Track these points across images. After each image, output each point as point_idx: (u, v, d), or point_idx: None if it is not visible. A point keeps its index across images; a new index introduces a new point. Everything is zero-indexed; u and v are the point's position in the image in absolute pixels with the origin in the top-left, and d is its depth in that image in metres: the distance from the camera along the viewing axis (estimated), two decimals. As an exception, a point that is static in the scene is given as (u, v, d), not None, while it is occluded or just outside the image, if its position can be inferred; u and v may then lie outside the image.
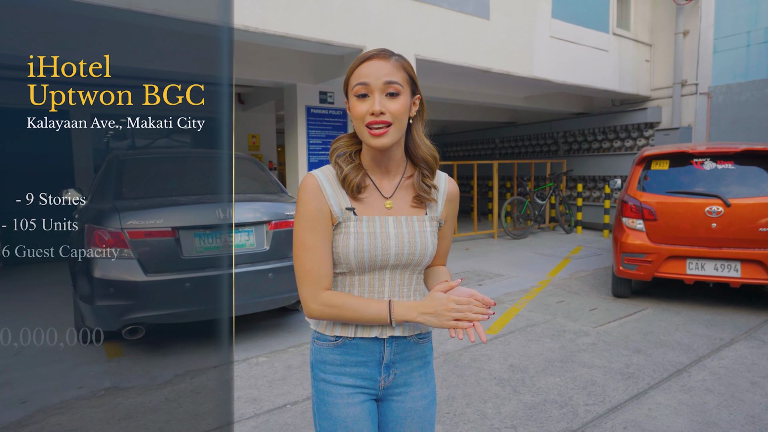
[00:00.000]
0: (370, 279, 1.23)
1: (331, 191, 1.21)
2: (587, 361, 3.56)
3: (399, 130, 1.18)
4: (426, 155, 1.26)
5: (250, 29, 4.49)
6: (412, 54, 5.75)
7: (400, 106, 1.16)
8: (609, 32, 8.41)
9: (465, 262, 7.11)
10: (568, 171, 10.30)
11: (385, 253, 1.20)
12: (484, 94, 8.84)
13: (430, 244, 1.25)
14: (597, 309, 4.83)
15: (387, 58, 1.17)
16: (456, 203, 1.34)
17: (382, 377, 1.27)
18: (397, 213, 1.24)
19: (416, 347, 1.30)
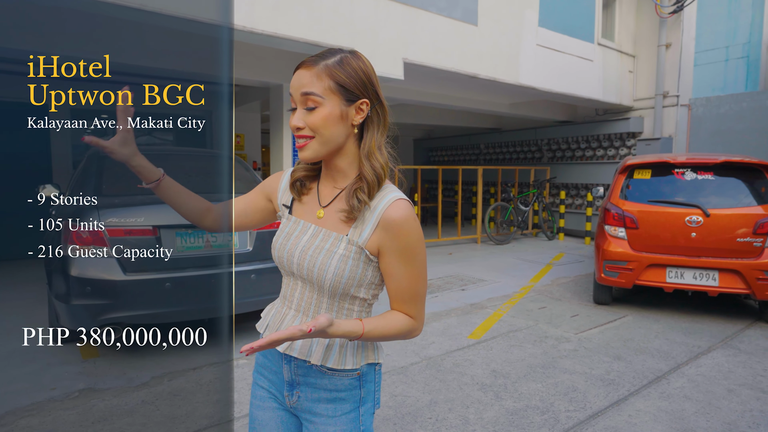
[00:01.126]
0: (287, 283, 1.21)
1: (285, 185, 1.25)
2: (569, 368, 3.58)
3: (324, 144, 1.08)
4: (366, 171, 1.09)
5: (237, 27, 4.44)
6: (401, 57, 5.75)
7: (318, 119, 1.06)
8: (594, 42, 8.54)
9: (448, 267, 7.12)
10: (552, 178, 10.40)
11: (290, 259, 1.15)
12: (470, 100, 8.89)
13: (332, 267, 1.08)
14: (578, 315, 4.87)
15: (312, 66, 1.06)
16: (398, 235, 1.08)
17: (286, 394, 1.20)
18: (325, 225, 1.14)
19: (324, 377, 1.15)
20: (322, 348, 1.13)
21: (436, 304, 5.17)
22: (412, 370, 3.50)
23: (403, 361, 3.66)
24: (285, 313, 1.19)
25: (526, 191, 10.42)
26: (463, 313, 4.88)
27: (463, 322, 4.60)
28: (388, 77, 5.70)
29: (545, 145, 11.17)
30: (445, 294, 5.61)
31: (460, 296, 5.52)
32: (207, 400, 2.99)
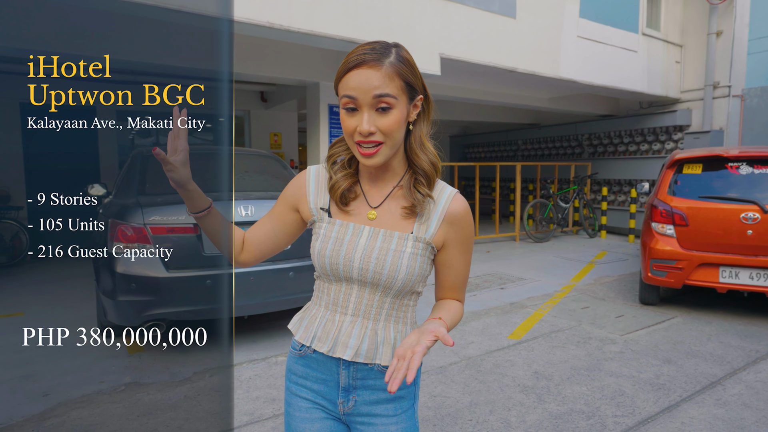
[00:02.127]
0: (337, 290, 1.13)
1: (314, 188, 1.16)
2: (615, 370, 3.44)
3: (392, 147, 1.06)
4: (424, 163, 1.10)
5: (275, 26, 4.47)
6: (437, 53, 5.67)
7: (393, 122, 1.02)
8: (638, 32, 8.21)
9: (486, 265, 7.00)
10: (593, 174, 10.09)
11: (348, 264, 1.08)
12: (507, 95, 8.71)
13: (404, 267, 1.07)
14: (624, 316, 4.69)
15: (378, 65, 1.00)
16: (463, 228, 1.12)
17: (340, 401, 1.15)
18: (380, 225, 1.10)
19: (383, 377, 1.10)
20: (389, 348, 1.12)
21: (474, 303, 5.08)
22: (452, 370, 3.44)
23: (442, 360, 3.61)
24: (340, 321, 1.12)
25: (566, 188, 10.14)
26: (502, 313, 4.78)
27: (503, 322, 4.50)
28: (424, 73, 5.61)
29: (586, 140, 10.84)
30: (484, 293, 5.51)
31: (499, 295, 5.41)
32: (247, 396, 3.02)
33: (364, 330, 1.11)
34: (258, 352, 3.72)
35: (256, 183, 4.24)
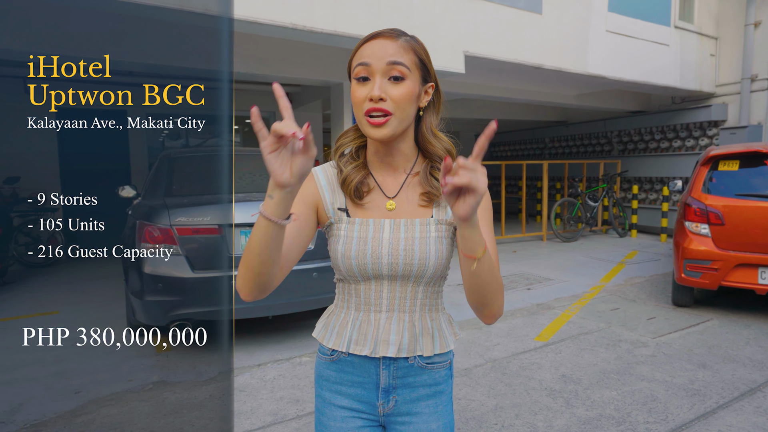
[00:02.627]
0: (366, 289, 1.08)
1: (327, 188, 1.09)
2: (646, 375, 3.33)
3: (401, 121, 1.01)
4: (438, 150, 1.08)
5: (298, 27, 4.48)
6: (461, 50, 5.61)
7: (404, 92, 0.99)
8: (670, 25, 7.96)
9: (512, 265, 6.89)
10: (623, 172, 9.84)
11: (376, 261, 1.04)
12: (534, 92, 8.56)
13: (433, 252, 1.05)
14: (656, 318, 4.55)
15: (394, 37, 1.01)
16: (482, 205, 1.04)
17: (380, 402, 1.11)
18: (399, 215, 1.07)
19: (423, 373, 1.11)
20: (428, 338, 1.10)
21: (500, 304, 5.00)
22: (477, 372, 3.39)
23: (467, 362, 3.56)
24: (376, 319, 1.08)
25: (594, 186, 9.92)
26: (529, 314, 4.69)
27: (530, 323, 4.41)
28: (448, 71, 5.58)
29: (615, 137, 10.58)
30: (510, 293, 5.42)
31: (525, 296, 5.32)
32: (271, 396, 3.03)
33: (401, 324, 1.08)
34: (282, 352, 3.74)
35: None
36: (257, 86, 8.58)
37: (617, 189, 9.94)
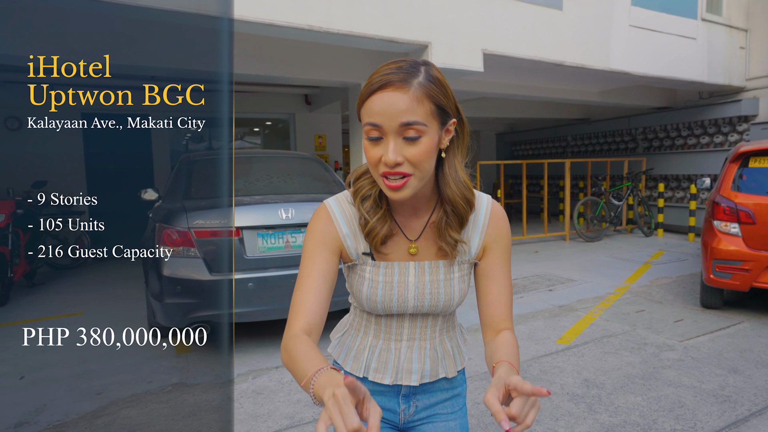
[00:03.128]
0: (387, 321, 1.09)
1: (348, 231, 1.04)
2: (673, 380, 3.22)
3: (422, 179, 0.95)
4: (456, 196, 1.00)
5: (314, 28, 4.48)
6: (479, 49, 5.53)
7: (422, 152, 0.91)
8: (697, 18, 7.72)
9: (534, 266, 6.77)
10: (648, 170, 9.59)
11: (402, 304, 1.05)
12: (555, 90, 8.41)
13: (457, 292, 1.07)
14: (683, 321, 4.41)
15: (405, 87, 0.89)
16: (500, 234, 1.07)
17: (401, 408, 1.13)
18: (422, 258, 1.06)
19: (441, 379, 1.15)
20: (451, 360, 1.14)
21: (521, 306, 4.91)
22: (496, 376, 3.32)
23: (485, 366, 3.49)
24: (396, 348, 1.09)
25: (619, 184, 9.70)
26: (550, 316, 4.60)
27: (551, 326, 4.32)
28: (466, 70, 5.51)
29: (640, 134, 10.33)
30: (531, 295, 5.32)
31: (547, 297, 5.22)
32: (288, 399, 3.02)
33: (422, 352, 1.10)
34: (300, 354, 3.72)
35: (298, 185, 4.26)
36: (278, 88, 8.64)
37: (642, 187, 9.70)
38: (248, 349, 3.86)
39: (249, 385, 3.23)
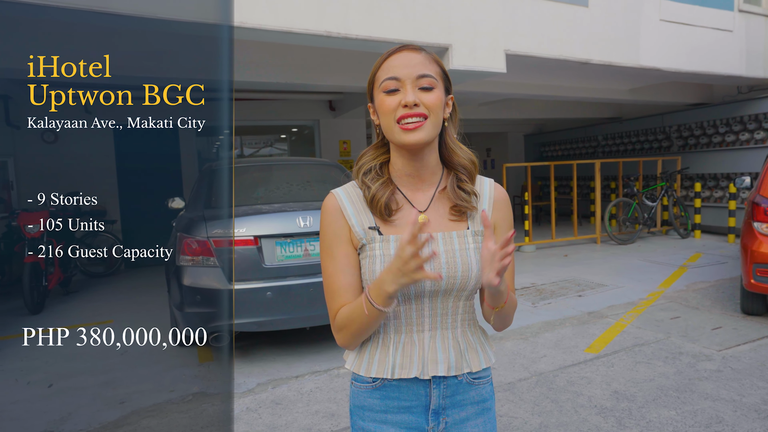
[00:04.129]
0: (407, 310, 1.06)
1: (352, 210, 1.07)
2: (711, 392, 3.04)
3: (435, 126, 1.03)
4: (463, 160, 1.10)
5: (333, 35, 4.47)
6: (502, 49, 5.42)
7: (436, 99, 1.02)
8: (734, 9, 7.39)
9: (563, 270, 6.58)
10: (684, 169, 9.23)
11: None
12: (582, 89, 8.19)
13: (474, 263, 1.05)
14: (722, 328, 4.18)
15: (417, 50, 1.04)
16: (507, 211, 1.15)
17: (430, 426, 1.08)
18: (433, 229, 1.06)
19: (471, 389, 1.10)
20: (475, 353, 1.10)
21: (548, 312, 4.76)
22: (521, 386, 3.22)
23: (510, 376, 3.38)
24: (420, 339, 1.07)
25: (652, 184, 9.36)
26: (579, 323, 4.44)
27: (580, 333, 4.17)
28: (489, 71, 5.41)
29: (674, 132, 9.95)
30: (559, 300, 5.16)
31: (576, 303, 5.05)
32: (306, 410, 2.99)
33: (446, 342, 1.08)
34: (321, 363, 3.70)
35: (318, 193, 4.24)
36: (302, 95, 8.70)
37: (678, 187, 9.34)
38: (269, 357, 3.85)
39: (268, 395, 3.21)
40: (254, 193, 4.02)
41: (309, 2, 4.36)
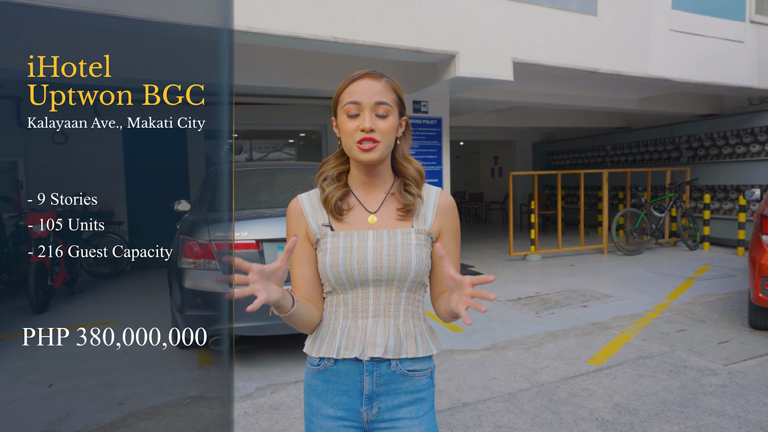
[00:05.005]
0: (354, 297, 1.20)
1: (310, 210, 1.24)
2: (716, 408, 2.98)
3: (387, 147, 1.19)
4: (412, 171, 1.26)
5: (339, 40, 4.48)
6: (509, 57, 5.41)
7: (389, 125, 1.18)
8: (745, 20, 7.34)
9: (568, 280, 6.53)
10: (693, 180, 9.14)
11: (362, 267, 1.17)
12: (591, 98, 8.15)
13: (414, 257, 1.19)
14: (728, 342, 4.11)
15: (378, 78, 1.19)
16: (453, 217, 1.28)
17: (363, 409, 1.20)
18: (381, 227, 1.21)
19: (405, 380, 1.21)
20: (413, 341, 1.21)
21: (552, 322, 4.72)
22: (521, 397, 3.17)
23: (510, 386, 3.34)
24: (363, 324, 1.20)
25: (661, 195, 9.28)
26: (583, 334, 4.38)
27: (583, 344, 4.12)
28: (495, 79, 5.40)
29: (684, 143, 9.87)
30: (564, 311, 5.11)
31: (580, 314, 4.99)
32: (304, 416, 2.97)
33: (387, 328, 1.19)
34: (320, 368, 3.67)
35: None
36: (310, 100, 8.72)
37: (686, 198, 9.25)
38: (268, 362, 3.83)
39: (266, 400, 3.19)
40: (257, 197, 4.03)
41: (316, 8, 4.37)
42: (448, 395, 3.22)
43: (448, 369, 3.65)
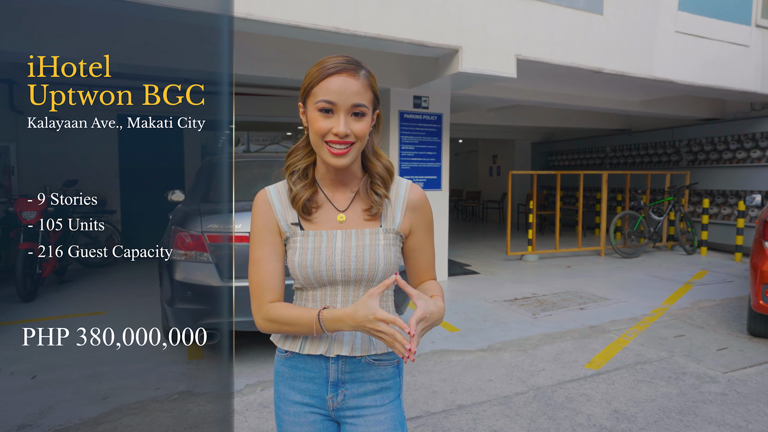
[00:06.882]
0: (322, 295, 1.18)
1: (279, 206, 1.19)
2: (715, 417, 2.92)
3: (359, 150, 1.15)
4: (380, 168, 1.22)
5: (341, 31, 4.37)
6: (513, 54, 5.31)
7: (365, 127, 1.12)
8: (751, 24, 7.26)
9: (565, 281, 6.46)
10: (692, 184, 9.09)
11: (330, 268, 1.15)
12: (593, 98, 8.07)
13: (382, 257, 1.17)
14: (728, 349, 4.06)
15: (356, 74, 1.10)
16: (424, 212, 1.25)
17: (329, 396, 1.20)
18: (349, 226, 1.18)
19: (371, 369, 1.20)
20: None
21: (548, 324, 4.65)
22: (517, 401, 3.10)
23: (506, 389, 3.27)
24: None
25: (660, 198, 9.23)
26: (580, 337, 4.32)
27: (580, 348, 4.05)
28: (498, 76, 5.30)
29: (684, 146, 9.82)
30: (560, 313, 5.04)
31: (577, 316, 4.93)
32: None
33: None
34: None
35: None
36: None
37: (685, 202, 9.20)
38: (259, 358, 3.75)
39: (256, 398, 3.11)
40: (253, 188, 3.93)
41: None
42: (443, 397, 3.14)
43: (443, 369, 3.58)
